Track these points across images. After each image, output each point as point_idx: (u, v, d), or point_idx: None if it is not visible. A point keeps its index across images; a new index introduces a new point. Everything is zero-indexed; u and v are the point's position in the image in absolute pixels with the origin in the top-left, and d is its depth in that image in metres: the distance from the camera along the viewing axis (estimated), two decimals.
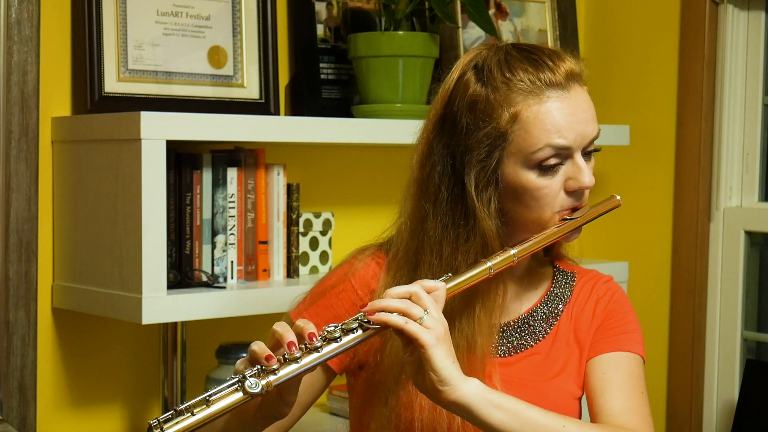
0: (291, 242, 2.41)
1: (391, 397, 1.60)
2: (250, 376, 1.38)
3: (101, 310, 2.16)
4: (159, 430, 1.34)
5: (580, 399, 1.68)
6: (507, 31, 2.82)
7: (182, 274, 2.22)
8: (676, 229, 2.91)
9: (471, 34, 2.72)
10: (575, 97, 1.56)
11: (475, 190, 1.56)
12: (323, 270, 2.49)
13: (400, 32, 2.46)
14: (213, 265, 2.26)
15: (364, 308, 1.46)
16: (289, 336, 1.41)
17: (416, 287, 1.47)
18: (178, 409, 1.36)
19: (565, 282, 1.71)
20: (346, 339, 1.44)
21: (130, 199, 2.07)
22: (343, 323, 1.45)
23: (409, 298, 1.46)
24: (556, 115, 1.54)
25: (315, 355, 1.42)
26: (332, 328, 1.44)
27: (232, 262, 2.29)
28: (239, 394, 1.38)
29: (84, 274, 2.20)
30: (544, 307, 1.69)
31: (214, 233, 2.27)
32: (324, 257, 2.50)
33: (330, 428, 2.49)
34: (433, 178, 1.60)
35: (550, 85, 1.55)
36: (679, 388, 2.90)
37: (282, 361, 1.40)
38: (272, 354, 1.40)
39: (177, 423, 1.35)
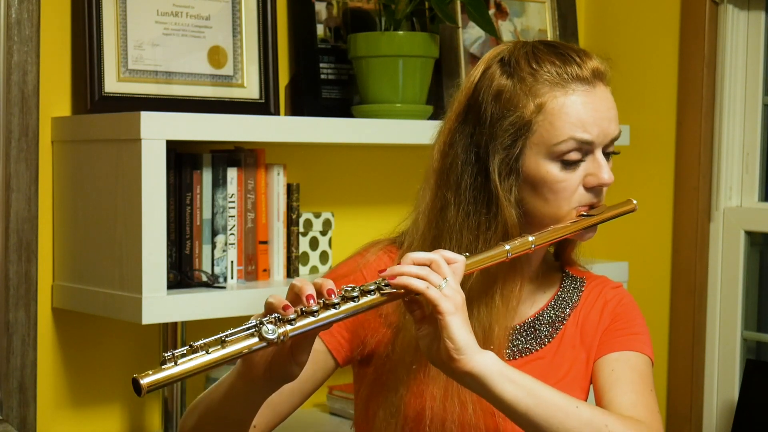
0: (291, 242, 2.41)
1: (401, 386, 1.60)
2: (267, 323, 1.37)
3: (101, 310, 2.16)
4: (173, 363, 1.33)
5: None
6: (507, 31, 2.82)
7: (182, 274, 2.22)
8: (676, 229, 2.91)
9: (471, 34, 2.72)
10: (600, 95, 1.58)
11: (499, 177, 1.56)
12: (323, 270, 2.49)
13: (400, 32, 2.46)
14: (213, 265, 2.26)
15: (383, 272, 1.45)
16: (309, 289, 1.41)
17: (437, 255, 1.46)
18: (194, 345, 1.35)
19: (573, 287, 1.71)
20: (363, 300, 1.42)
21: (130, 199, 2.07)
22: (362, 285, 1.44)
23: (429, 265, 1.45)
24: (580, 108, 1.55)
25: (332, 311, 1.40)
26: (350, 288, 1.43)
27: (232, 262, 2.29)
28: (255, 339, 1.36)
29: (84, 274, 2.20)
30: (550, 311, 1.68)
31: (214, 233, 2.27)
32: (324, 257, 2.50)
33: (330, 428, 2.49)
34: (455, 166, 1.59)
35: (576, 78, 1.56)
36: (679, 388, 2.90)
37: (299, 313, 1.40)
38: (290, 304, 1.39)
39: (191, 359, 1.34)
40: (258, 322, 1.38)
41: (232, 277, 2.29)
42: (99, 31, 2.23)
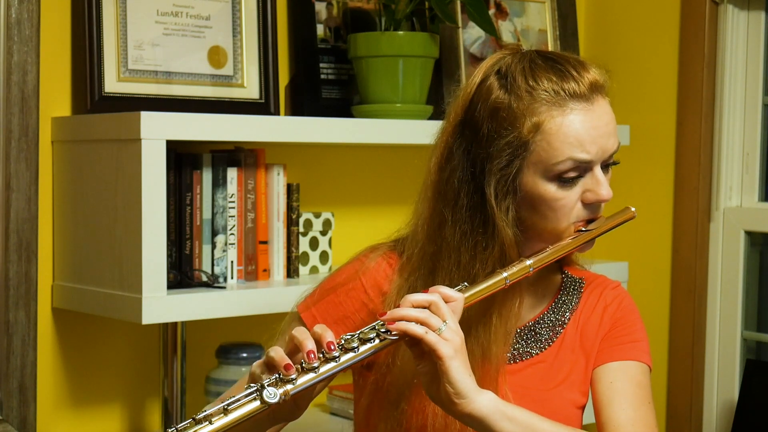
0: (291, 242, 2.41)
1: (402, 400, 1.60)
2: (268, 386, 1.39)
3: (101, 310, 2.16)
4: None
5: (583, 407, 1.67)
6: (507, 31, 2.82)
7: (182, 274, 2.22)
8: (676, 229, 2.91)
9: (471, 34, 2.72)
10: (598, 110, 1.55)
11: (495, 199, 1.55)
12: (323, 270, 2.49)
13: (400, 32, 2.46)
14: (213, 265, 2.26)
15: (383, 317, 1.46)
16: (309, 344, 1.42)
17: (435, 296, 1.46)
18: (197, 417, 1.37)
19: (573, 289, 1.70)
20: (363, 348, 1.44)
21: (130, 199, 2.07)
22: (360, 332, 1.45)
23: (428, 307, 1.46)
24: (579, 128, 1.53)
25: (332, 364, 1.42)
26: (349, 337, 1.44)
27: (232, 262, 2.29)
28: (257, 403, 1.38)
29: (84, 274, 2.20)
30: (551, 314, 1.68)
31: (214, 233, 2.27)
32: (324, 257, 2.50)
33: (330, 428, 2.49)
34: (452, 183, 1.58)
35: (573, 96, 1.54)
36: (679, 388, 2.90)
37: (300, 370, 1.41)
38: (291, 363, 1.41)
39: None
40: (259, 386, 1.39)
41: (232, 277, 2.29)
42: (99, 31, 2.23)
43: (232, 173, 2.29)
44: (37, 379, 2.23)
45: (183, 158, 2.23)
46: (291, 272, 2.41)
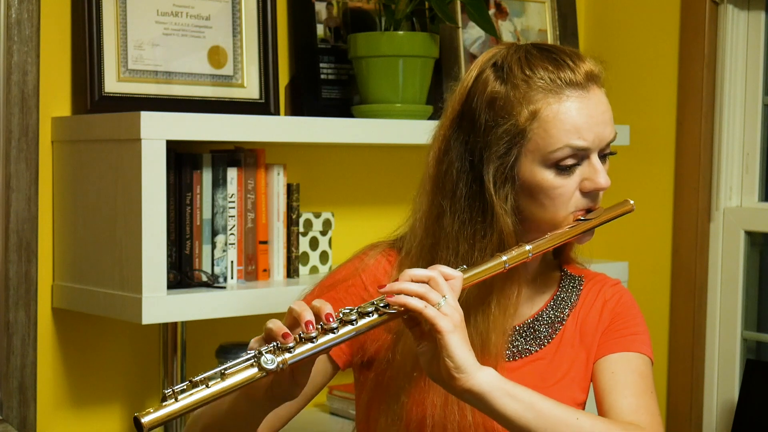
0: (291, 242, 2.41)
1: (402, 394, 1.60)
2: (266, 352, 1.38)
3: (101, 310, 2.16)
4: (173, 399, 1.34)
5: (583, 404, 1.67)
6: (507, 31, 2.82)
7: (182, 274, 2.22)
8: (676, 229, 2.91)
9: (471, 34, 2.72)
10: (594, 99, 1.57)
11: (494, 186, 1.55)
12: (323, 270, 2.49)
13: (400, 32, 2.46)
14: (213, 265, 2.26)
15: (382, 288, 1.45)
16: (307, 315, 1.41)
17: (435, 273, 1.46)
18: (194, 380, 1.36)
19: (572, 286, 1.71)
20: (362, 322, 1.43)
21: (130, 199, 2.08)
22: (359, 306, 1.45)
23: (427, 283, 1.46)
24: (575, 115, 1.54)
25: (331, 335, 1.41)
26: (348, 311, 1.44)
27: (232, 262, 2.29)
28: (254, 370, 1.37)
29: (84, 274, 2.21)
30: (550, 311, 1.68)
31: (214, 233, 2.27)
32: (324, 257, 2.50)
33: (330, 428, 2.49)
34: (450, 174, 1.59)
35: (569, 84, 1.55)
36: (679, 388, 2.91)
37: (298, 340, 1.40)
38: (289, 332, 1.40)
39: (191, 394, 1.34)
40: (257, 352, 1.38)
41: (232, 277, 2.29)
42: (99, 31, 2.23)
43: (232, 173, 2.29)
44: (37, 379, 2.23)
45: (183, 158, 2.23)
46: (291, 272, 2.41)
